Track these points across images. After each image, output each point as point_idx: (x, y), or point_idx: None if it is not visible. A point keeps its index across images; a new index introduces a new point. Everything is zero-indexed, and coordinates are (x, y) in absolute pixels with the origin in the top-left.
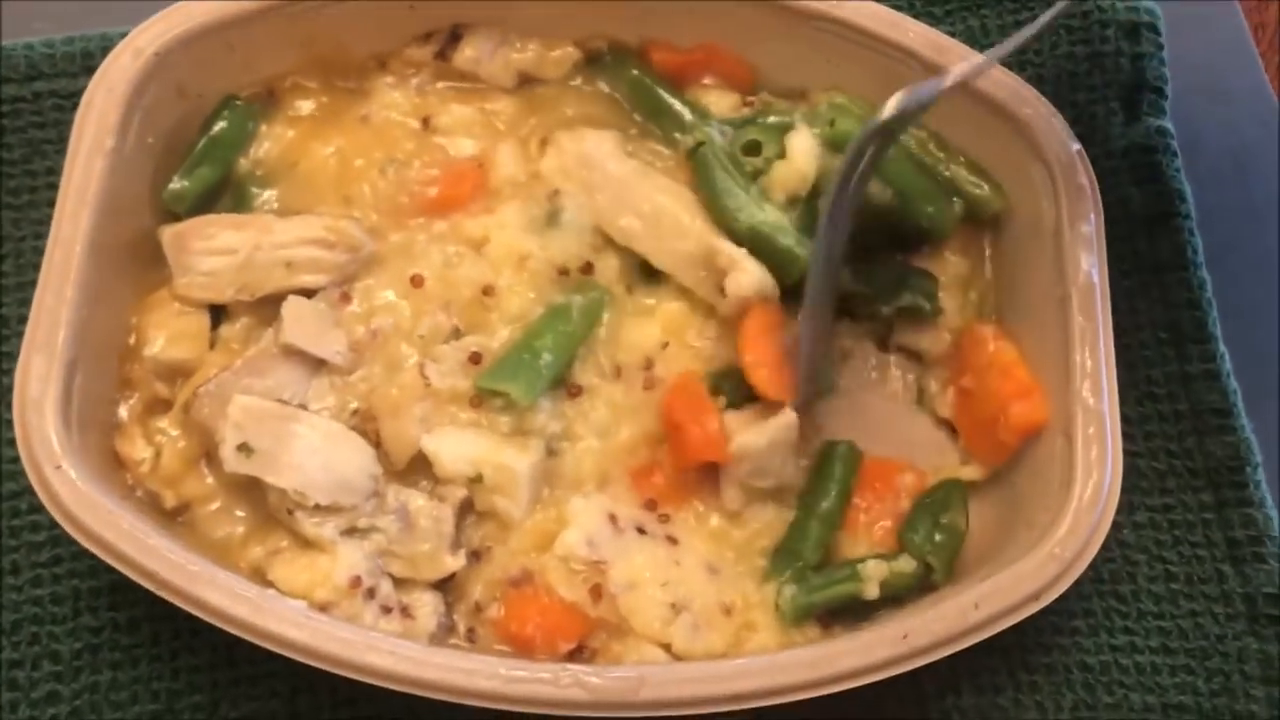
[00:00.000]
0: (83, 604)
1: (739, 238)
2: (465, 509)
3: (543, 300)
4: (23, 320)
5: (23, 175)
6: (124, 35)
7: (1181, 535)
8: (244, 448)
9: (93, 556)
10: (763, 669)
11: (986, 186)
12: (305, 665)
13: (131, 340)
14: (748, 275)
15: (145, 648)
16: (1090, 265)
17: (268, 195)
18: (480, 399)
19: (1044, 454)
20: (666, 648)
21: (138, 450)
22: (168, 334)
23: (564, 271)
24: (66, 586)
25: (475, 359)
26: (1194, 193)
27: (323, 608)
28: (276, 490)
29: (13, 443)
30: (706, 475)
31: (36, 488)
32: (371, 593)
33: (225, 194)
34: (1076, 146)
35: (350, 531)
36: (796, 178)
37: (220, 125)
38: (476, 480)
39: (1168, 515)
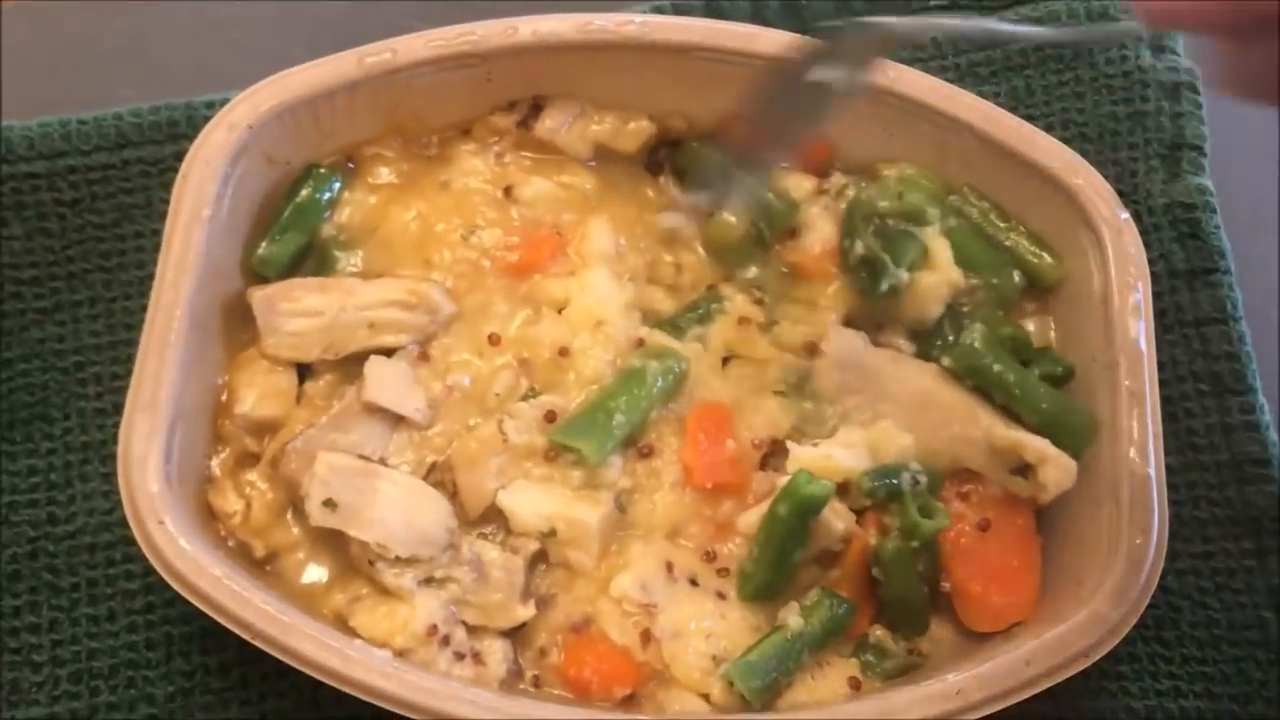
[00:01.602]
0: (175, 649)
1: (1034, 424)
2: (537, 559)
3: (620, 362)
4: (114, 378)
5: (113, 239)
6: (206, 103)
7: (1223, 582)
8: (329, 503)
9: (185, 604)
10: None
11: (1046, 256)
12: (386, 710)
13: (224, 397)
14: (1063, 472)
15: (235, 691)
16: (1138, 332)
17: (350, 259)
18: (554, 454)
19: (1090, 515)
20: (706, 697)
21: (229, 503)
22: (257, 392)
23: (639, 343)
24: (160, 633)
25: (550, 417)
26: (1233, 246)
27: (400, 653)
28: (359, 542)
29: (107, 495)
30: None
31: (140, 542)
32: (446, 640)
33: (310, 258)
34: (1125, 215)
35: (427, 581)
36: (945, 286)
37: (304, 192)
38: (550, 534)
39: (1209, 563)
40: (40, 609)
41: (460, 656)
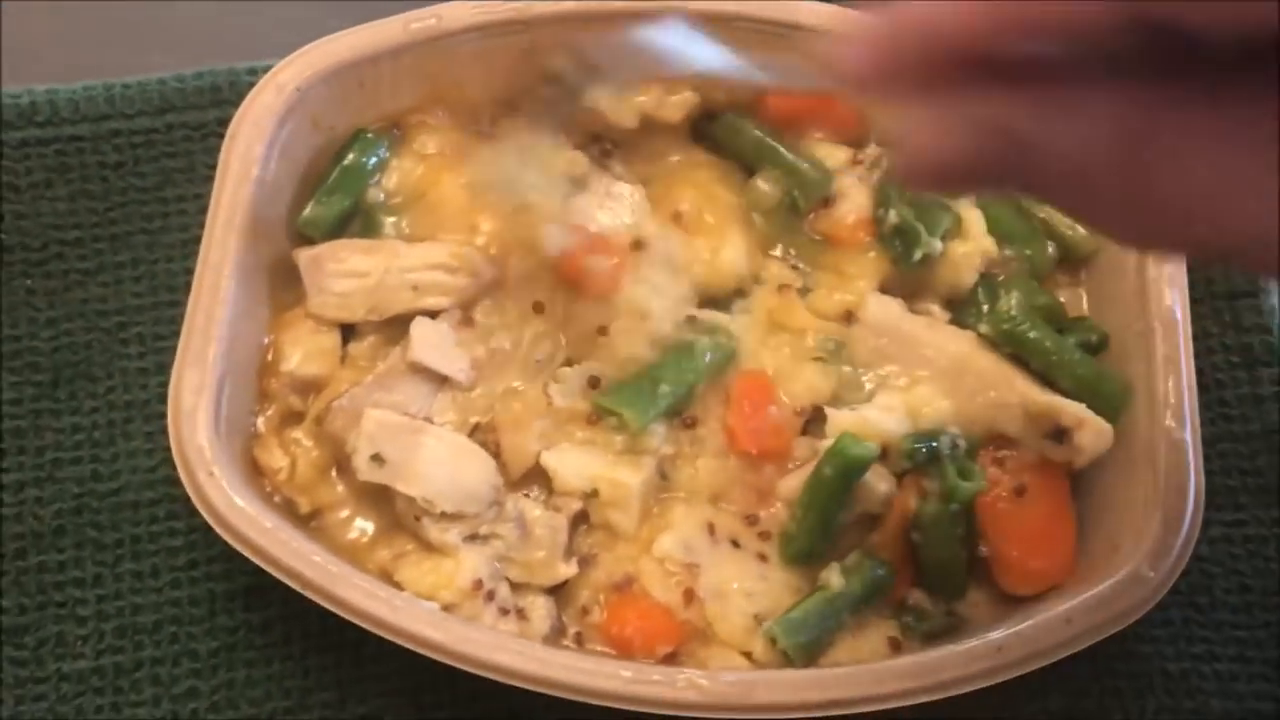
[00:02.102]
0: (218, 605)
1: (1070, 390)
2: (578, 519)
3: (656, 348)
4: (156, 338)
5: (155, 202)
6: (249, 69)
7: (1255, 549)
8: (376, 458)
9: (228, 560)
10: (869, 677)
11: (1080, 229)
12: (427, 664)
13: (269, 356)
14: (1099, 436)
15: (278, 647)
16: (1173, 300)
17: (396, 223)
18: (597, 418)
19: (1125, 480)
20: (748, 655)
21: (275, 459)
22: (303, 351)
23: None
24: (203, 589)
25: (594, 383)
26: None
27: (446, 608)
28: (405, 498)
29: (150, 453)
30: None
31: (190, 492)
32: (491, 595)
33: (356, 221)
34: None
35: (472, 538)
36: (978, 255)
37: (352, 156)
38: (592, 495)
39: (1241, 530)
40: (85, 564)
41: (505, 612)
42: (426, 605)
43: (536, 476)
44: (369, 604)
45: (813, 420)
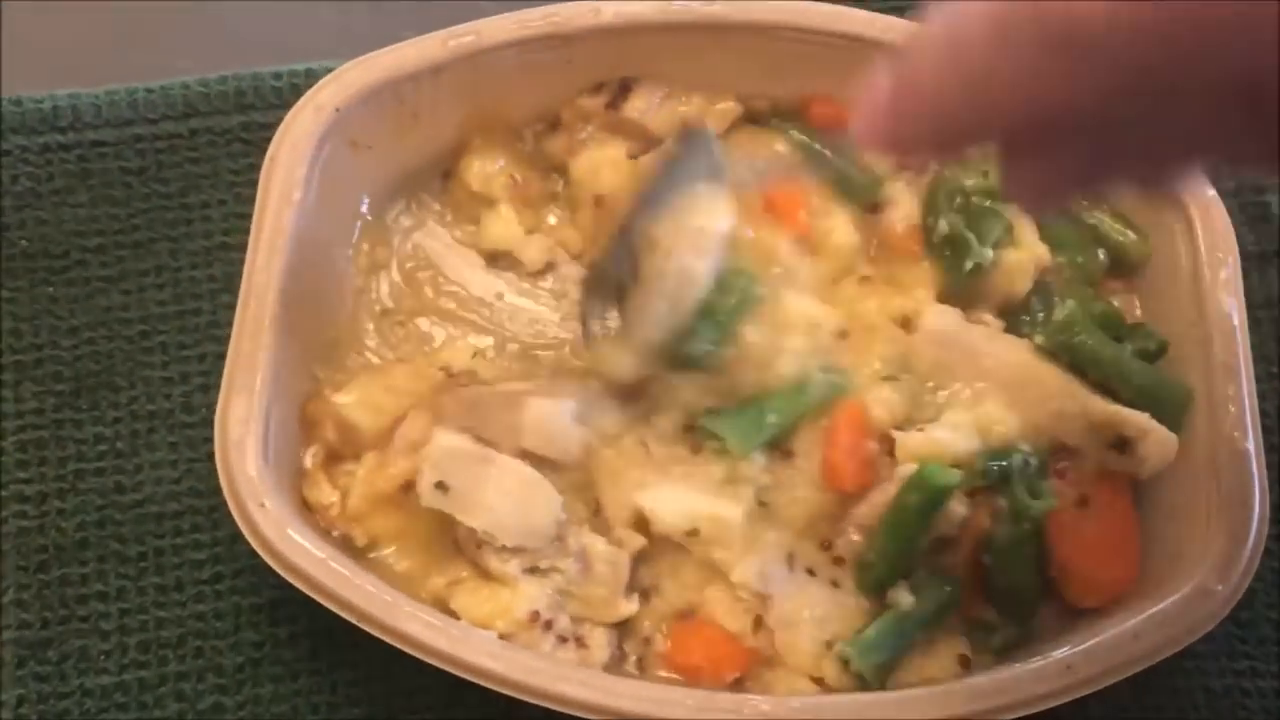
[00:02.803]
0: (244, 620)
1: (1130, 398)
2: (642, 556)
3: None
4: (180, 347)
5: (179, 209)
6: (274, 74)
7: None
8: (441, 485)
9: (254, 574)
10: (937, 699)
11: (1132, 234)
12: (455, 680)
13: (316, 385)
14: (1164, 446)
15: (305, 662)
16: (1231, 308)
17: None
18: (697, 445)
19: (1188, 490)
20: (819, 681)
21: (325, 495)
22: (357, 397)
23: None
24: (228, 603)
25: (690, 424)
26: None
27: (502, 637)
28: (466, 527)
29: (174, 464)
30: None
31: (241, 526)
32: (549, 625)
33: None
34: (1211, 192)
35: (532, 570)
36: (1031, 263)
37: None
38: (693, 533)
39: None
40: (108, 578)
41: (563, 640)
42: (485, 634)
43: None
44: (427, 635)
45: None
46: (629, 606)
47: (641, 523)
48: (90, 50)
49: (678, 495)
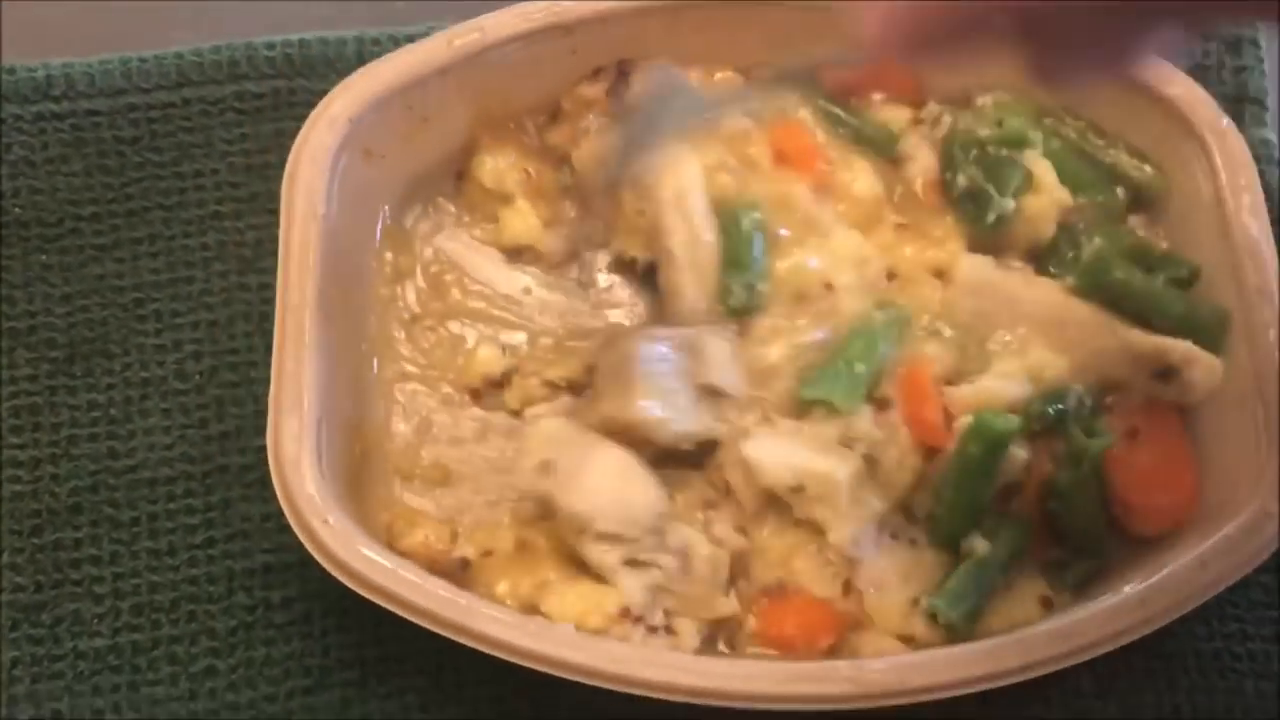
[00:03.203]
0: (236, 584)
1: (1167, 328)
2: (742, 556)
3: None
4: (173, 314)
5: (173, 177)
6: (267, 44)
7: None
8: (545, 465)
9: (246, 538)
10: (1014, 647)
11: (1149, 169)
12: (448, 644)
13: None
14: (1210, 371)
15: (297, 625)
16: (1258, 232)
17: None
18: (804, 411)
19: (1235, 415)
20: (908, 639)
21: (416, 536)
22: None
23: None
24: (221, 567)
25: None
26: None
27: (594, 634)
28: (566, 514)
29: (167, 430)
30: None
31: (307, 543)
32: (639, 619)
33: None
34: (1227, 121)
35: (631, 562)
36: (1053, 207)
37: None
38: (798, 490)
39: None
40: (101, 542)
41: (653, 630)
42: (564, 628)
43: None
44: (508, 635)
45: None
46: (728, 604)
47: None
48: (84, 19)
49: (785, 449)
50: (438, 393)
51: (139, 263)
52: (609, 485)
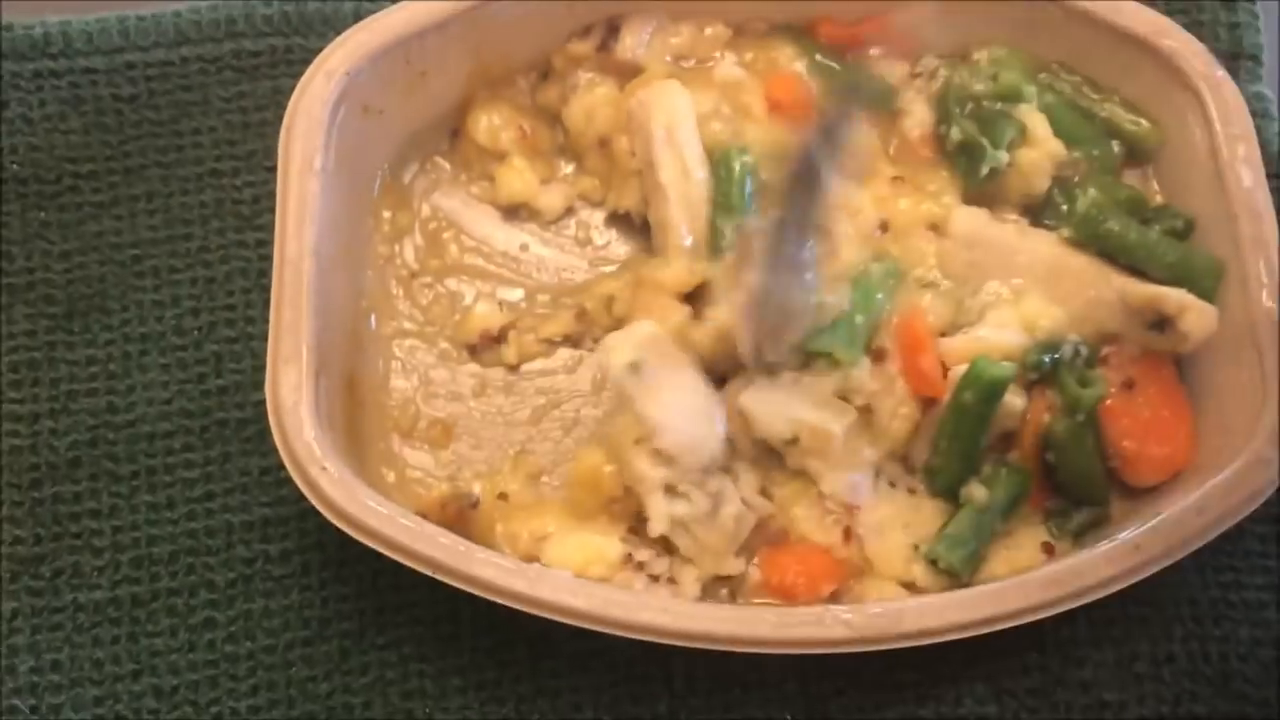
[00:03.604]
0: (235, 537)
1: (1162, 278)
2: (765, 522)
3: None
4: (171, 270)
5: (170, 135)
6: (264, 2)
7: None
8: (635, 366)
9: (244, 492)
10: (1010, 591)
11: (1144, 122)
12: (444, 595)
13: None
14: (1204, 318)
15: (295, 578)
16: (1253, 181)
17: None
18: (806, 362)
19: (1230, 363)
20: (909, 585)
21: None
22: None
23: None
24: (220, 520)
25: None
26: None
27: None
28: (639, 414)
29: (165, 385)
30: None
31: (305, 490)
32: (641, 566)
33: None
34: (1221, 71)
35: (670, 489)
36: (1047, 160)
37: None
38: (792, 442)
39: None
40: (100, 496)
41: (655, 578)
42: (561, 573)
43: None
44: (507, 580)
45: None
46: (736, 565)
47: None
48: None
49: (782, 401)
50: (435, 349)
51: (137, 220)
52: (687, 407)
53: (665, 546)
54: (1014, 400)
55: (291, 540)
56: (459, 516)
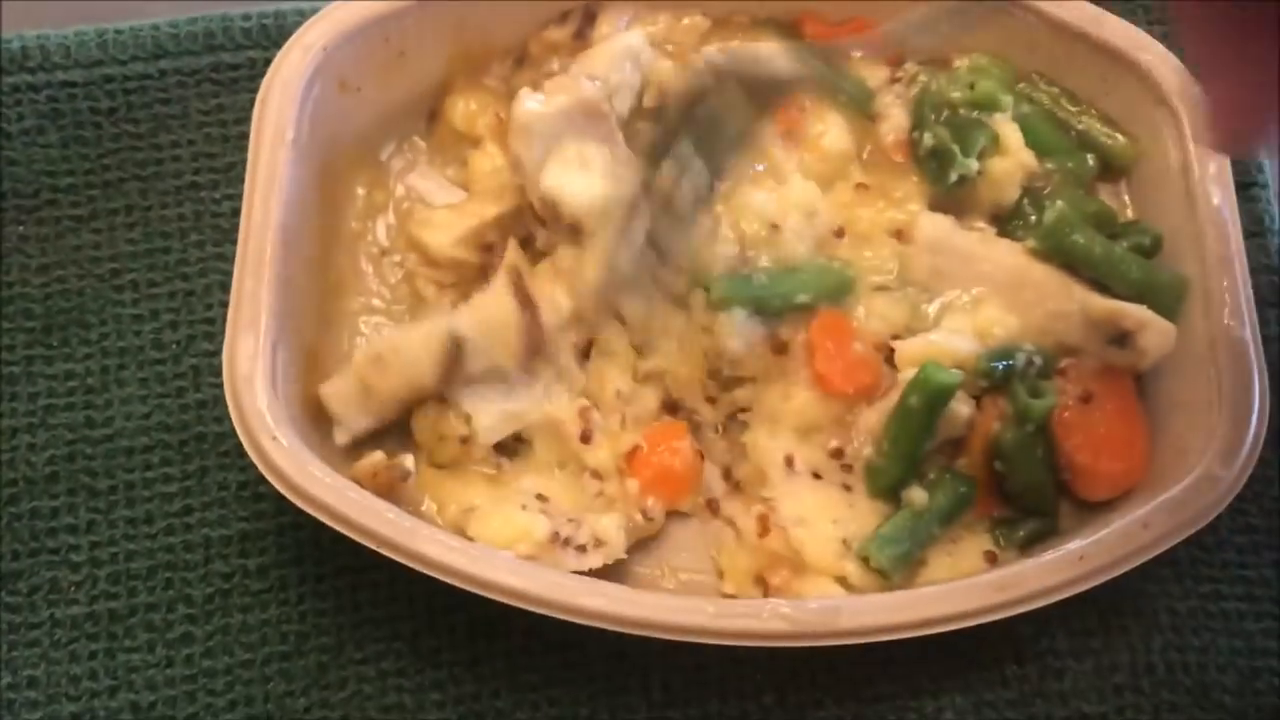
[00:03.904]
0: (214, 552)
1: (1126, 293)
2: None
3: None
4: (150, 284)
5: (149, 149)
6: (243, 15)
7: (1261, 490)
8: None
9: (223, 506)
10: (953, 594)
11: (1120, 137)
12: (423, 609)
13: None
14: (1162, 336)
15: (274, 592)
16: (1221, 200)
17: None
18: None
19: (1190, 380)
20: (842, 580)
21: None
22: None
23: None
24: (198, 535)
25: None
26: (1270, 161)
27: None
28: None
29: (144, 399)
30: None
31: (254, 458)
32: (567, 541)
33: None
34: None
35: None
36: (1018, 170)
37: None
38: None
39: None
40: (78, 511)
41: (582, 549)
42: (504, 554)
43: None
44: (448, 556)
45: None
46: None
47: None
48: None
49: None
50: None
51: (116, 233)
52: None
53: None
54: (960, 408)
55: (269, 555)
56: (390, 487)
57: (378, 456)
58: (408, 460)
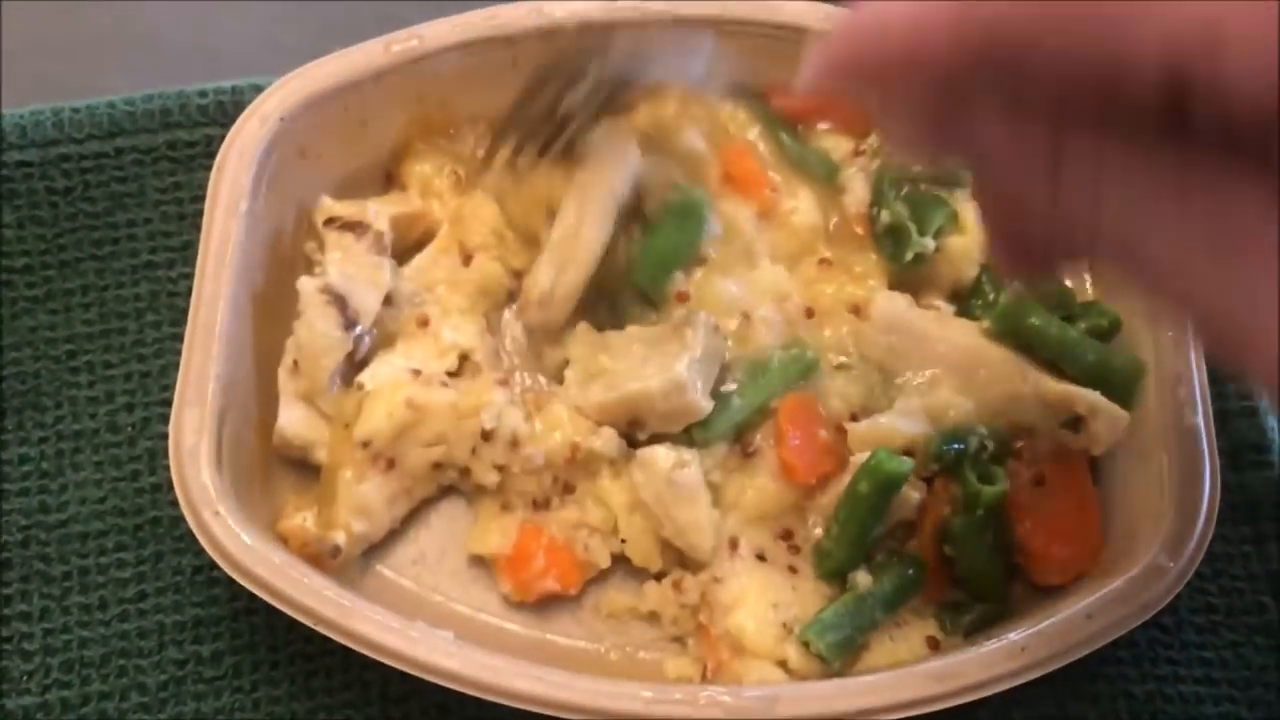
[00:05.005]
0: (167, 638)
1: (1081, 377)
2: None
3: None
4: (106, 366)
5: (106, 227)
6: (199, 92)
7: (1222, 568)
8: None
9: (177, 591)
10: (892, 683)
11: None
12: (377, 695)
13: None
14: (1114, 422)
15: (228, 679)
16: None
17: None
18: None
19: (1141, 467)
20: (783, 664)
21: (297, 521)
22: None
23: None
24: (152, 621)
25: None
26: None
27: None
28: None
29: (99, 484)
30: None
31: (196, 532)
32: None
33: None
34: None
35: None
36: (976, 248)
37: None
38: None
39: (1208, 548)
40: (31, 597)
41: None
42: (442, 634)
43: None
44: (385, 637)
45: (838, 430)
46: None
47: None
48: (13, 69)
49: None
50: None
51: (72, 314)
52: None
53: None
54: (911, 493)
55: (223, 641)
56: (318, 560)
57: (307, 526)
58: (337, 536)
